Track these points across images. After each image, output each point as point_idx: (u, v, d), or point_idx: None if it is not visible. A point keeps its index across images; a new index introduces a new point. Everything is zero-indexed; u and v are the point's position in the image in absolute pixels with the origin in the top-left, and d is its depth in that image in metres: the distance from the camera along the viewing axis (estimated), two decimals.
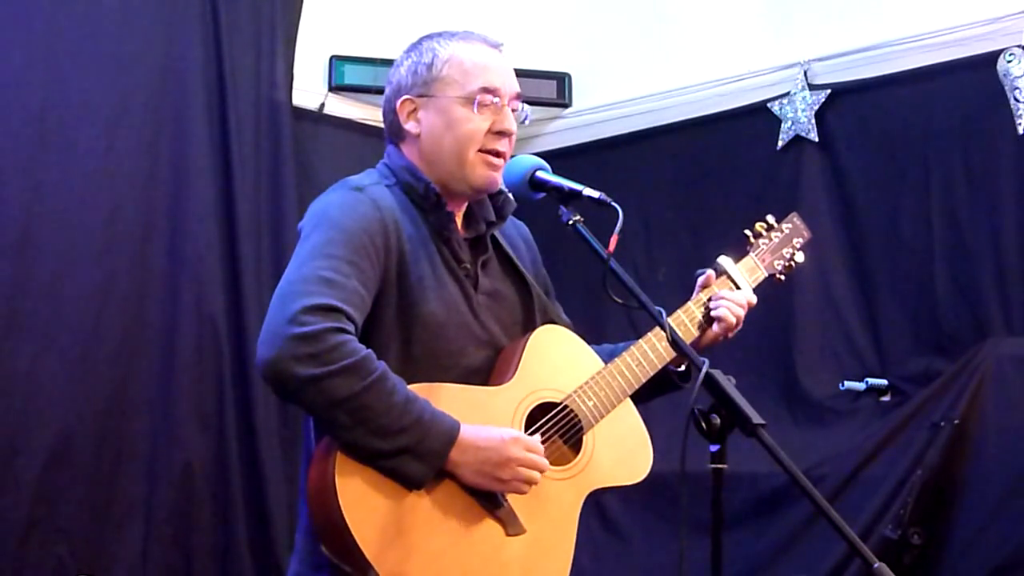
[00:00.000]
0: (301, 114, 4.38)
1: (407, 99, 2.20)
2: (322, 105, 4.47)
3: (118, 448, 3.72)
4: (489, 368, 2.16)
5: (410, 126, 2.20)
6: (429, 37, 2.24)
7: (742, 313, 2.32)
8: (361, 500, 1.94)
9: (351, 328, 1.95)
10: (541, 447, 2.06)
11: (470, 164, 2.16)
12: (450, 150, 2.17)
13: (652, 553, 4.12)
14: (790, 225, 2.52)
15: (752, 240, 2.47)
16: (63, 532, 3.57)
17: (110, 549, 3.67)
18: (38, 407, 3.55)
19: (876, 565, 1.74)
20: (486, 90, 2.16)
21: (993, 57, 3.69)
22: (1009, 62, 3.64)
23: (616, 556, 4.21)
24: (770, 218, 2.51)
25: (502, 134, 2.18)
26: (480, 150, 2.16)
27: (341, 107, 4.52)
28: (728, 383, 1.85)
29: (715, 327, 2.31)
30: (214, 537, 3.89)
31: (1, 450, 3.48)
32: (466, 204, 2.26)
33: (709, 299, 2.33)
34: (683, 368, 2.33)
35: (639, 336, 2.28)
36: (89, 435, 3.65)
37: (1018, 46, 3.64)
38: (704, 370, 1.84)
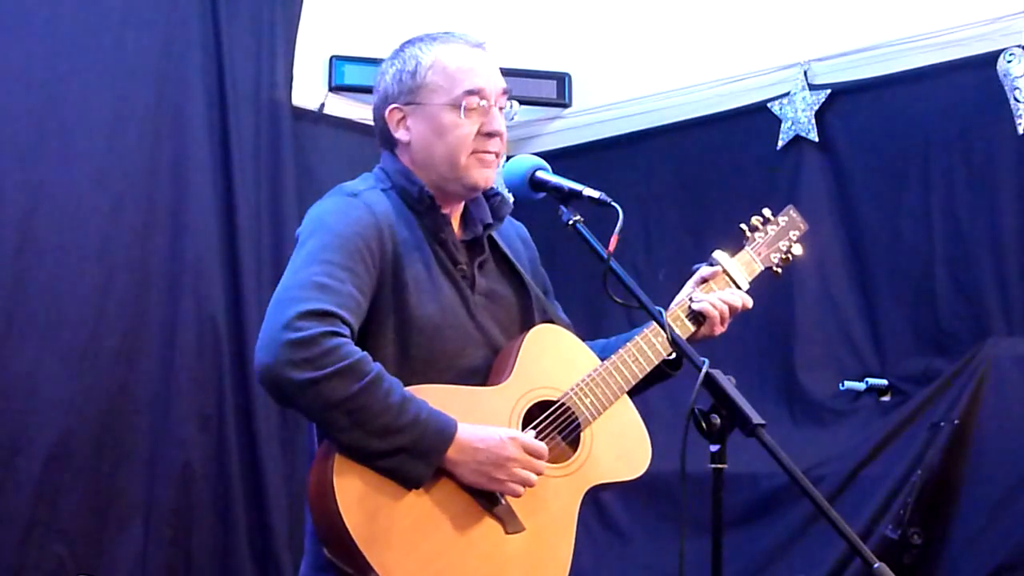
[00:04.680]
0: (301, 114, 4.38)
1: (395, 108, 2.21)
2: (322, 105, 4.48)
3: (118, 448, 3.72)
4: (488, 369, 2.17)
5: (400, 134, 2.22)
6: (410, 43, 2.24)
7: (726, 309, 2.32)
8: (359, 502, 1.94)
9: (346, 332, 1.96)
10: (543, 448, 2.06)
11: (464, 168, 2.17)
12: (442, 157, 2.17)
13: (652, 553, 4.12)
14: (786, 218, 2.53)
15: (748, 234, 2.47)
16: (63, 532, 3.57)
17: (110, 549, 3.67)
18: (38, 407, 3.55)
19: (876, 565, 1.74)
20: (471, 93, 2.16)
21: (993, 57, 3.69)
22: (1009, 62, 3.64)
23: (616, 556, 4.21)
24: (766, 211, 2.51)
25: (492, 135, 2.18)
26: (472, 152, 2.17)
27: (341, 107, 4.52)
28: (728, 383, 1.85)
29: (703, 327, 2.32)
30: (214, 537, 3.89)
31: (1, 450, 3.48)
32: (462, 206, 2.27)
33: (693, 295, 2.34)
34: (673, 356, 2.32)
35: None
36: (89, 435, 3.65)
37: (1018, 46, 3.64)
38: (704, 370, 1.84)
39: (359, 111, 4.49)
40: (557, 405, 2.15)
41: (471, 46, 2.22)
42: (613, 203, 2.00)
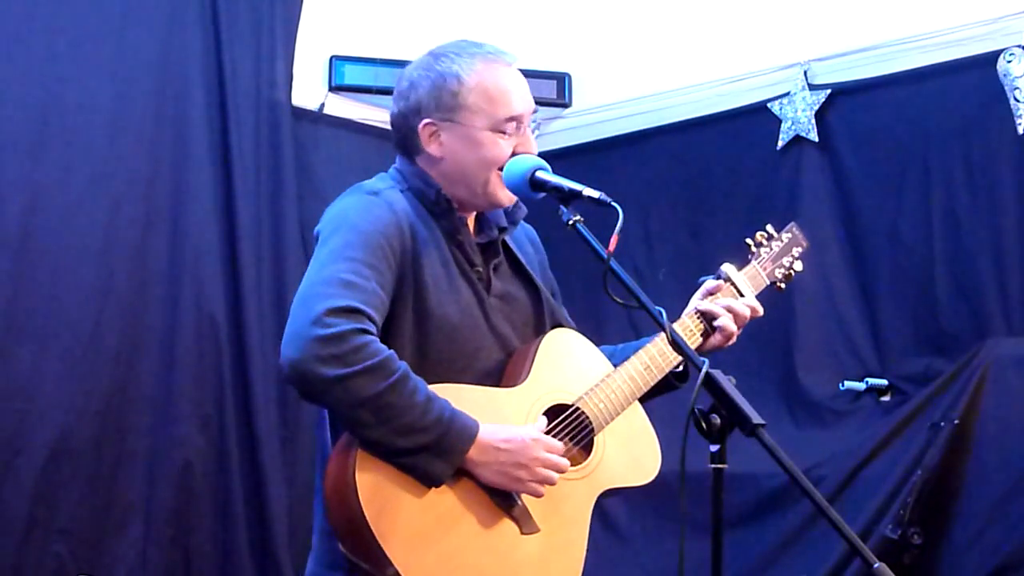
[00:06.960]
0: (301, 114, 4.38)
1: (429, 122, 2.20)
2: (322, 105, 4.47)
3: (118, 448, 3.72)
4: (501, 370, 2.19)
5: (432, 148, 2.21)
6: (446, 55, 2.22)
7: (746, 315, 2.35)
8: (380, 496, 1.96)
9: (373, 329, 1.98)
10: (561, 448, 2.09)
11: (493, 185, 2.19)
12: (474, 174, 2.19)
13: (652, 553, 4.12)
14: (789, 235, 2.57)
15: (753, 249, 2.51)
16: (63, 532, 3.57)
17: (110, 549, 3.68)
18: (38, 407, 3.56)
19: (876, 565, 1.74)
20: (512, 119, 2.18)
21: (993, 57, 3.69)
22: (1009, 62, 3.64)
23: (616, 556, 4.21)
24: (770, 228, 2.55)
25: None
26: (500, 168, 2.18)
27: (341, 107, 4.52)
28: (728, 383, 1.85)
29: (716, 336, 2.34)
30: (214, 537, 3.89)
31: (1, 450, 3.48)
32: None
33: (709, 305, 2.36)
34: (680, 368, 2.34)
35: (639, 336, 2.30)
36: (89, 435, 3.65)
37: (1018, 46, 3.64)
38: (704, 370, 1.84)
39: (359, 111, 4.49)
40: (572, 409, 2.17)
41: (508, 65, 2.23)
42: (613, 203, 2.00)
